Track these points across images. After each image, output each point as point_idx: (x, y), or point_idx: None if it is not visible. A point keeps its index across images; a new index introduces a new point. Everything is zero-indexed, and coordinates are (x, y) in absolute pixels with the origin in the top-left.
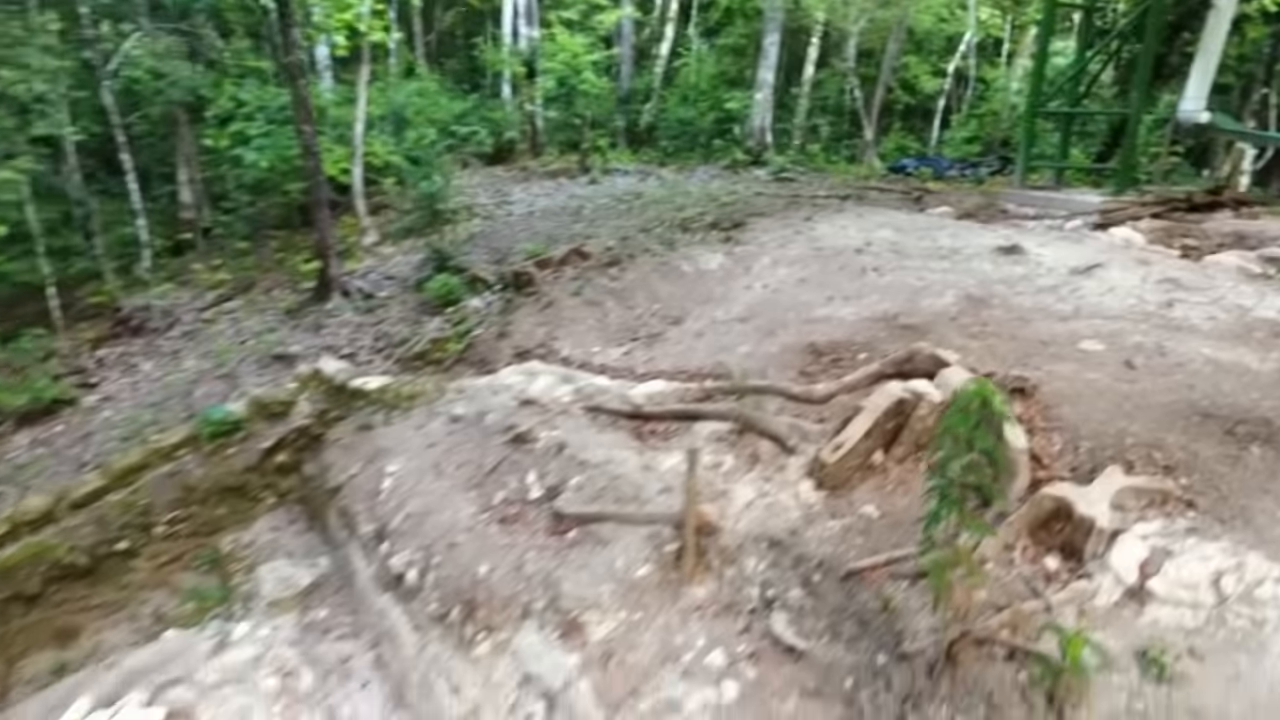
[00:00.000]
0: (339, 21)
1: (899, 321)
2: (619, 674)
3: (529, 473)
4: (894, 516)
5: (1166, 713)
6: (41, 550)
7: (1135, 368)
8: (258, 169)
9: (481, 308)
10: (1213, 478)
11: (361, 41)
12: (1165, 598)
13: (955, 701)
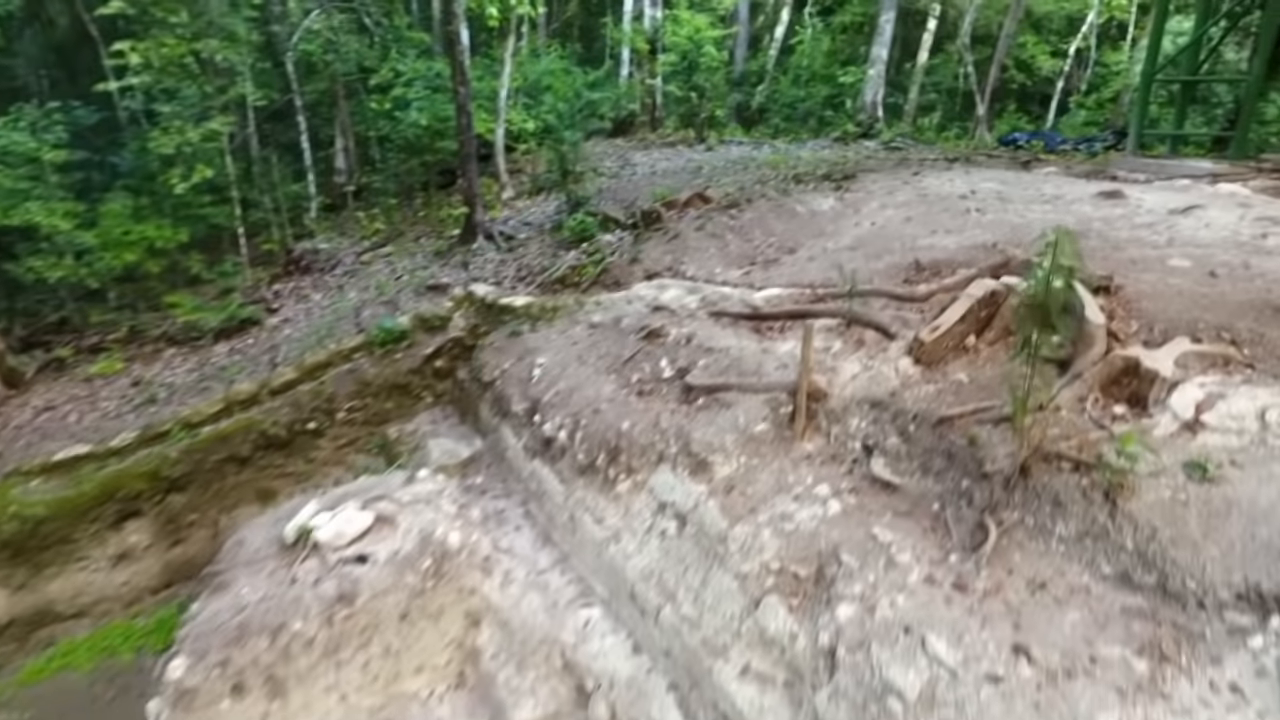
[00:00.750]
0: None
1: (997, 249)
2: (740, 499)
3: (661, 359)
4: (983, 383)
5: (1205, 503)
6: (250, 424)
7: (1217, 276)
8: (416, 127)
9: (613, 241)
10: (1273, 349)
11: (510, 15)
12: (1215, 427)
13: (1026, 506)
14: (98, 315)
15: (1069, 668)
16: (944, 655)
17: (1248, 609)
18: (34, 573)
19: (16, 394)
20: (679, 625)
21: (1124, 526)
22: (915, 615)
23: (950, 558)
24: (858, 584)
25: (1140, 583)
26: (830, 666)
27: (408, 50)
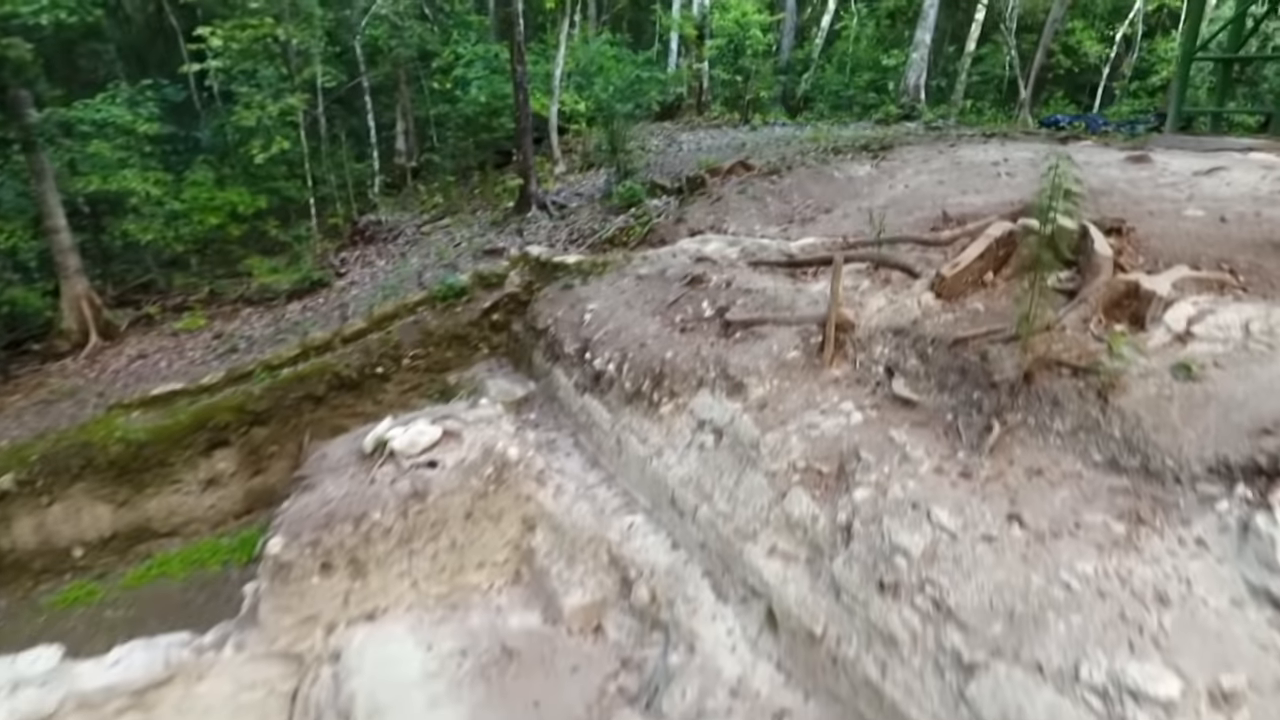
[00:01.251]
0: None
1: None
2: (772, 414)
3: (702, 301)
4: (998, 311)
5: (1186, 397)
6: (324, 367)
7: (1227, 221)
8: (476, 104)
9: (660, 206)
10: (1267, 276)
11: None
12: (1203, 337)
13: (1028, 407)
14: (181, 279)
15: (1055, 530)
16: (946, 522)
17: (1217, 480)
18: (135, 492)
19: (111, 345)
20: (714, 519)
21: (1114, 419)
22: (923, 495)
23: (958, 454)
24: (874, 474)
25: (1125, 465)
26: (846, 538)
27: (468, 33)
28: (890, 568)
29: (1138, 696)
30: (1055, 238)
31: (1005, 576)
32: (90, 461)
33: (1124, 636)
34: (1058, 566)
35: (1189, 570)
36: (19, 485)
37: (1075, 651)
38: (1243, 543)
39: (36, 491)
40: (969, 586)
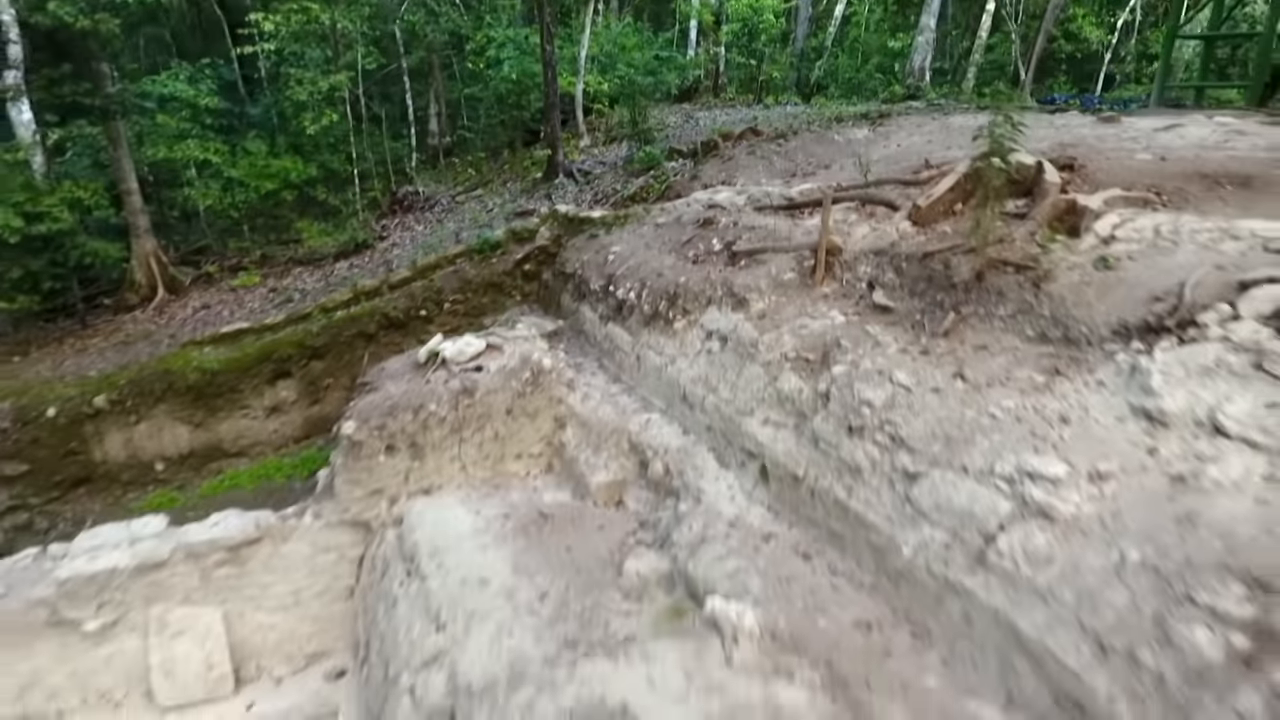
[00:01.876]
0: None
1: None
2: (769, 322)
3: (712, 238)
4: (962, 232)
5: (1102, 282)
6: (374, 309)
7: (1166, 160)
8: (508, 82)
9: (677, 167)
10: (1188, 197)
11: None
12: (1122, 238)
13: (979, 300)
14: (234, 244)
15: (989, 383)
16: (904, 381)
17: (1118, 339)
18: (209, 415)
19: (176, 298)
20: (718, 405)
21: (1044, 303)
22: (888, 366)
23: (921, 339)
24: (850, 356)
25: (1051, 336)
26: (825, 401)
27: (500, 17)
28: (857, 416)
29: (1035, 477)
30: (1010, 170)
31: (946, 414)
32: (171, 386)
33: (1030, 444)
34: (987, 404)
35: (1088, 401)
36: (111, 404)
37: (992, 456)
38: (1130, 379)
39: (125, 410)
40: (917, 422)
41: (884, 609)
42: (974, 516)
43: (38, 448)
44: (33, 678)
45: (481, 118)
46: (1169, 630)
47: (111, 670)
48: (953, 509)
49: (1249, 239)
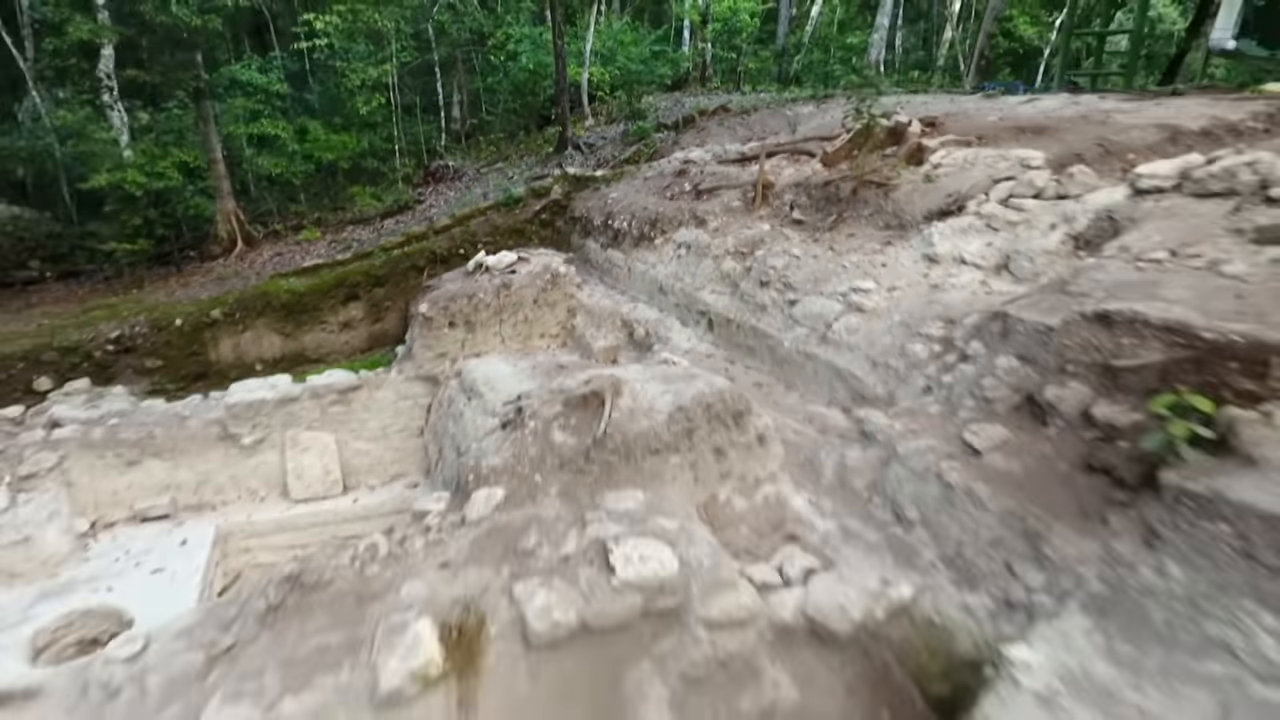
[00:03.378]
0: None
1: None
2: (720, 233)
3: (684, 183)
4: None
5: (925, 190)
6: (423, 248)
7: (1003, 120)
8: (524, 71)
9: (663, 137)
10: (998, 140)
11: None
12: (943, 164)
13: (853, 207)
14: (295, 208)
15: (847, 251)
16: (796, 254)
17: (925, 221)
18: (296, 328)
19: (251, 249)
20: (683, 288)
21: (890, 204)
22: (789, 248)
23: (814, 234)
24: (768, 246)
25: (890, 224)
26: (748, 272)
27: (518, 17)
28: (766, 276)
29: (857, 291)
30: (888, 127)
31: (817, 268)
32: (268, 304)
33: (860, 277)
34: (842, 261)
35: (900, 255)
36: (223, 316)
37: (837, 285)
38: (924, 241)
39: (234, 322)
40: (800, 274)
41: (771, 377)
42: (822, 316)
43: (169, 348)
44: (206, 476)
45: (500, 104)
46: (905, 348)
47: (258, 474)
48: (812, 314)
49: (1014, 160)
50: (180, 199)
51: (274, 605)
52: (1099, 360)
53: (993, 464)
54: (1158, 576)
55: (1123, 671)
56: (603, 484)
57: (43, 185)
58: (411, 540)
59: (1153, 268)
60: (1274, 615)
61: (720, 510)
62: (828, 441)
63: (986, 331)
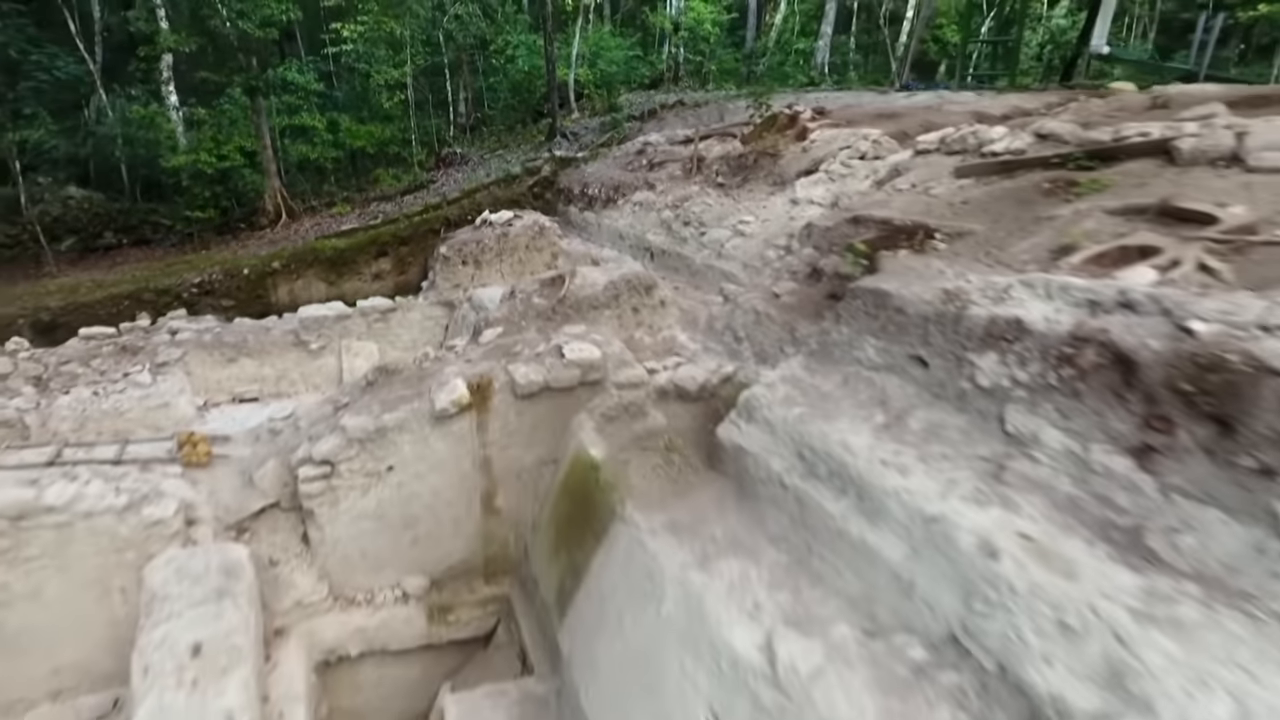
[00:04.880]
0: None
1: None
2: (664, 194)
3: (643, 159)
4: (767, 147)
5: (799, 156)
6: (439, 215)
7: (879, 109)
8: (521, 72)
9: (632, 126)
10: (856, 120)
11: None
12: (817, 140)
13: (753, 170)
14: (327, 188)
15: (745, 199)
16: (710, 204)
17: (796, 178)
18: (337, 277)
19: (293, 221)
20: (634, 233)
21: (777, 169)
22: (706, 201)
23: (727, 191)
24: (694, 201)
25: (775, 181)
26: (678, 219)
27: (515, 26)
28: (689, 219)
29: (743, 223)
30: (788, 115)
31: (722, 211)
32: (316, 258)
33: (747, 215)
34: (739, 206)
35: (776, 201)
36: (281, 266)
37: (733, 221)
38: (792, 192)
39: (289, 271)
40: (709, 215)
41: (686, 283)
42: (719, 240)
43: (239, 291)
44: (284, 372)
45: (501, 101)
46: (763, 254)
47: (321, 372)
48: (713, 240)
49: (861, 136)
50: (240, 177)
51: (371, 381)
52: (847, 240)
53: (785, 302)
54: (837, 334)
55: (812, 375)
56: (562, 323)
57: (105, 172)
58: (448, 354)
59: (897, 194)
60: (874, 340)
61: (635, 343)
62: (706, 307)
63: (802, 236)
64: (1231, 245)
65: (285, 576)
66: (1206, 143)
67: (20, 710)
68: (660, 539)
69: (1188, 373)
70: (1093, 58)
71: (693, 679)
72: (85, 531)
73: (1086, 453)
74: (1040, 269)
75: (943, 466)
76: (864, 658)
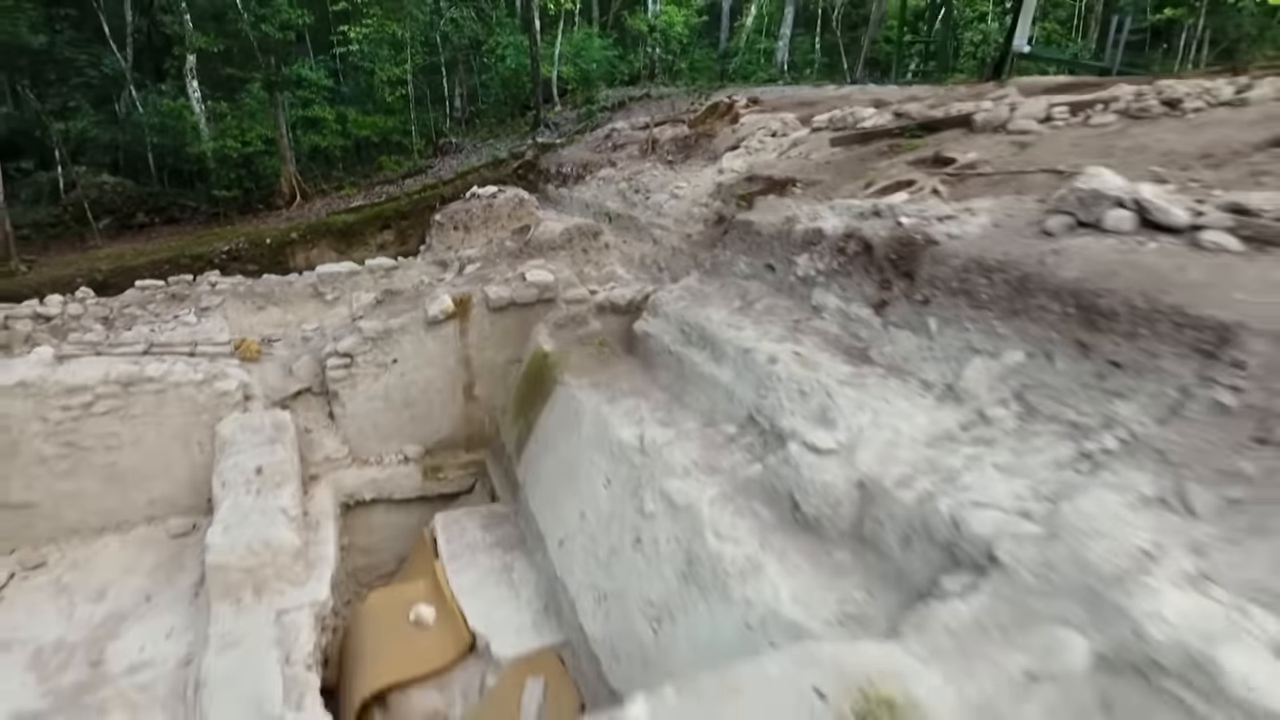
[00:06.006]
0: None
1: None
2: (623, 170)
3: (608, 142)
4: (708, 130)
5: (731, 136)
6: (436, 194)
7: (800, 99)
8: (510, 70)
9: (604, 116)
10: (784, 109)
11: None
12: (746, 123)
13: (694, 149)
14: (335, 174)
15: (681, 169)
16: (656, 174)
17: (725, 153)
18: (347, 246)
19: (307, 202)
20: (598, 202)
21: (712, 146)
22: (655, 173)
23: (672, 165)
24: (646, 174)
25: (709, 156)
26: (631, 188)
27: (505, 28)
28: (639, 188)
29: (678, 188)
30: (727, 103)
31: (664, 180)
32: (329, 230)
33: (681, 181)
34: (678, 176)
35: (706, 171)
36: (299, 237)
37: (669, 186)
38: (718, 164)
39: (306, 241)
40: (654, 184)
41: (633, 238)
42: (659, 203)
43: (263, 258)
44: (304, 318)
45: (492, 96)
46: (689, 211)
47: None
48: (654, 203)
49: (780, 119)
50: (261, 161)
51: (380, 300)
52: (741, 194)
53: (695, 240)
54: (722, 256)
55: (701, 284)
56: (527, 259)
57: (133, 161)
58: (439, 281)
59: (787, 160)
60: (744, 257)
61: (584, 275)
62: (640, 249)
63: (714, 194)
64: (957, 177)
65: (317, 439)
66: (990, 116)
67: (126, 529)
68: (585, 391)
69: (896, 249)
70: (1016, 56)
71: (597, 464)
72: (174, 397)
73: (848, 308)
74: (846, 199)
75: (765, 326)
76: (698, 435)
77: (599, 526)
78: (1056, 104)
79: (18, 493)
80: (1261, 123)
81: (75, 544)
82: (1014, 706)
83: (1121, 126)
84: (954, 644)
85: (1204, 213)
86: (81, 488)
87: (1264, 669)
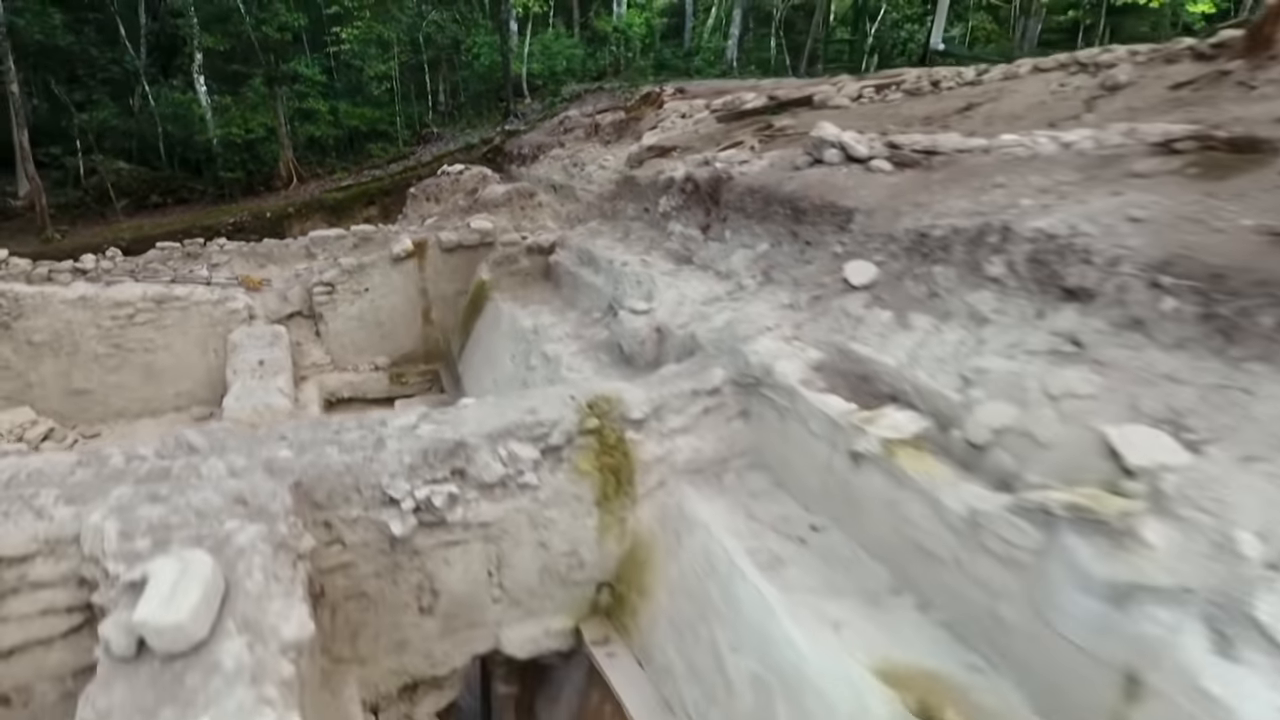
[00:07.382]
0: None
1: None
2: (570, 149)
3: (562, 128)
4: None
5: (656, 121)
6: (411, 175)
7: (719, 89)
8: (484, 66)
9: (563, 105)
10: (702, 97)
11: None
12: (668, 109)
13: (625, 131)
14: (328, 160)
15: (614, 147)
16: (593, 153)
17: (646, 132)
18: (337, 219)
19: (303, 184)
20: (547, 176)
21: (638, 127)
22: (592, 151)
23: (608, 145)
24: (585, 154)
25: (636, 135)
26: (572, 163)
27: (481, 29)
28: (578, 163)
29: (606, 160)
30: (657, 93)
31: (597, 155)
32: (321, 206)
33: (608, 157)
34: (607, 152)
35: (630, 145)
36: (295, 211)
37: (598, 160)
38: (639, 142)
39: (301, 215)
40: (588, 158)
41: (567, 199)
42: (591, 174)
43: (264, 229)
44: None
45: (471, 90)
46: (611, 178)
47: None
48: (586, 174)
49: (690, 105)
50: (262, 148)
51: (355, 244)
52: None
53: (606, 196)
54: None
55: (600, 227)
56: (474, 214)
57: (144, 149)
58: (402, 229)
59: (681, 134)
60: (632, 204)
61: (520, 227)
62: (570, 208)
63: (630, 159)
64: (771, 138)
65: (305, 350)
66: (824, 96)
67: (159, 414)
68: (507, 303)
69: (712, 184)
70: (933, 53)
71: (505, 347)
72: (195, 313)
73: (686, 230)
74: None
75: (634, 249)
76: (575, 320)
77: (503, 384)
78: (867, 86)
79: (79, 382)
80: (974, 96)
81: (120, 424)
82: (682, 404)
83: (899, 101)
84: (657, 380)
85: (875, 149)
86: (125, 380)
87: (795, 367)
